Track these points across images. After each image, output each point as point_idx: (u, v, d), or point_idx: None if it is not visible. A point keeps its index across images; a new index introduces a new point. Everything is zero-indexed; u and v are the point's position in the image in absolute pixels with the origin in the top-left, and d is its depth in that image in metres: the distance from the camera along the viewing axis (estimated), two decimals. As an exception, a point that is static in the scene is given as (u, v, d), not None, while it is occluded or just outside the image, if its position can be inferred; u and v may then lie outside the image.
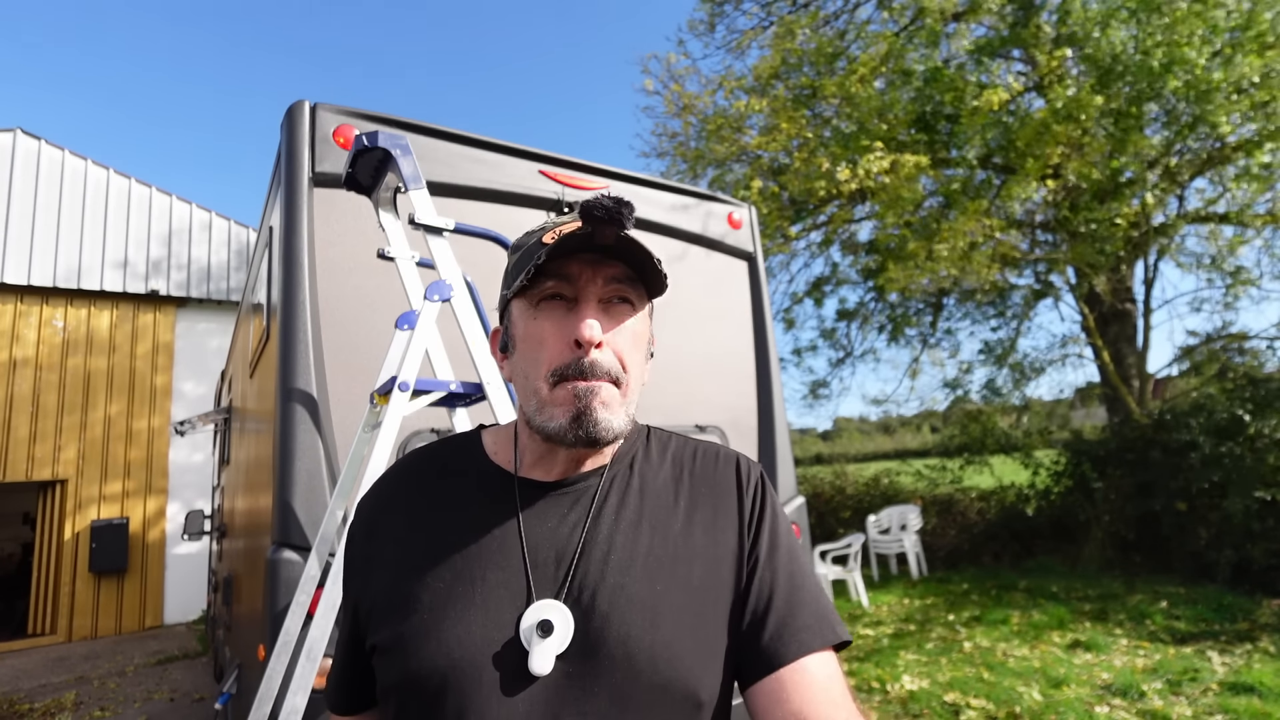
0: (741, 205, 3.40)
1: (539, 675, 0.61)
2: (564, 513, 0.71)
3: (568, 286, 0.68)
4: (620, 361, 0.68)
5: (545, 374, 0.67)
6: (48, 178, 8.37)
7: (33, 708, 5.36)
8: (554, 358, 0.67)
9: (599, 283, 0.68)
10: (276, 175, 2.37)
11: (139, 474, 8.58)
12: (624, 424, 0.68)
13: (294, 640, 1.58)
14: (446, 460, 0.80)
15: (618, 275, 0.69)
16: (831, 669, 0.66)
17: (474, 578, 0.67)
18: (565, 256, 0.67)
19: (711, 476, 0.76)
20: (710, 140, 8.61)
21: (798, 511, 3.12)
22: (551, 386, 0.67)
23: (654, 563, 0.68)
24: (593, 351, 0.66)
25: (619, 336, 0.69)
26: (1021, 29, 7.53)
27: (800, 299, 10.56)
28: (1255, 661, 4.25)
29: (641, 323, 0.72)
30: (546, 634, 0.62)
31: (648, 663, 0.62)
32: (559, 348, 0.67)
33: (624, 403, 0.68)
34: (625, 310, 0.70)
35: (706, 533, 0.72)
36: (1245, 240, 8.03)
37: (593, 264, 0.68)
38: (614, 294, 0.69)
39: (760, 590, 0.69)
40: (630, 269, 0.69)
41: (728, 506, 0.74)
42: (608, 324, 0.68)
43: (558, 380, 0.66)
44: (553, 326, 0.68)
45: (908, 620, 6.01)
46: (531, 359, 0.69)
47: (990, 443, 9.56)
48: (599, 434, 0.66)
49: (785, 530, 0.75)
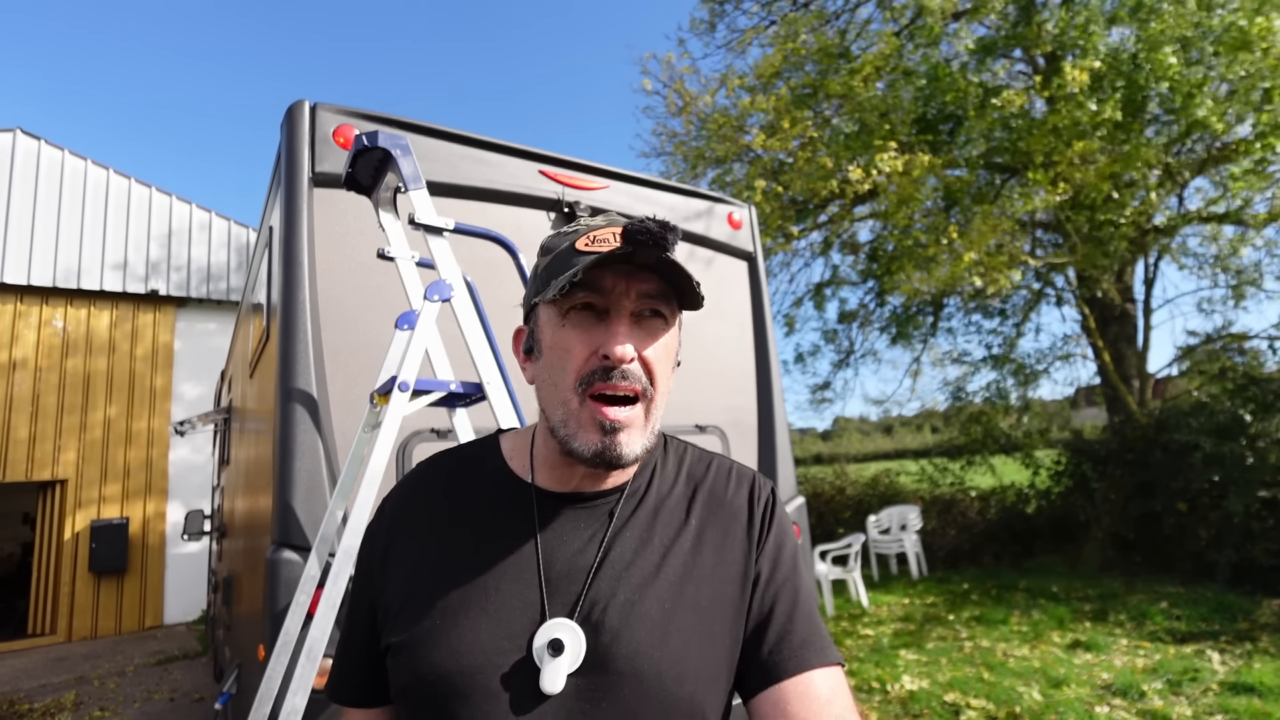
0: (742, 205, 3.40)
1: (550, 694, 0.62)
2: (579, 528, 0.72)
3: (599, 298, 0.67)
4: (650, 374, 0.68)
5: (573, 383, 0.66)
6: (48, 178, 8.36)
7: (33, 708, 5.36)
8: (581, 366, 0.66)
9: (632, 296, 0.67)
10: (276, 175, 2.37)
11: (139, 474, 8.57)
12: (646, 445, 0.68)
13: (294, 640, 1.58)
14: (465, 466, 0.80)
15: (651, 291, 0.67)
16: (836, 683, 0.66)
17: (487, 586, 0.68)
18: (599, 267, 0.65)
19: (723, 496, 0.77)
20: (711, 140, 8.61)
21: (798, 511, 3.12)
22: (580, 398, 0.66)
23: (664, 582, 0.69)
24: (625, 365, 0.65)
25: (651, 352, 0.68)
26: (1023, 28, 7.53)
27: (801, 301, 10.57)
28: (1255, 661, 4.24)
29: (673, 337, 0.71)
30: (557, 653, 0.63)
31: (656, 681, 0.63)
32: (587, 357, 0.66)
33: (648, 422, 0.68)
34: (658, 325, 0.69)
35: (716, 552, 0.72)
36: (1248, 240, 8.02)
37: (627, 276, 0.66)
38: (646, 307, 0.68)
39: (763, 605, 0.71)
40: (665, 284, 0.68)
41: (738, 527, 0.75)
42: (639, 337, 0.67)
43: (585, 389, 0.66)
44: (581, 336, 0.67)
45: (908, 620, 6.01)
46: (559, 368, 0.68)
47: (991, 443, 9.57)
48: (621, 463, 0.66)
49: (791, 551, 0.76)
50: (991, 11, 7.77)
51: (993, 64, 8.07)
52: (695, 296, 0.68)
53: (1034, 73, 8.59)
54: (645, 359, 0.67)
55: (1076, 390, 11.03)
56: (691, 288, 0.67)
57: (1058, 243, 8.68)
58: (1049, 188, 6.70)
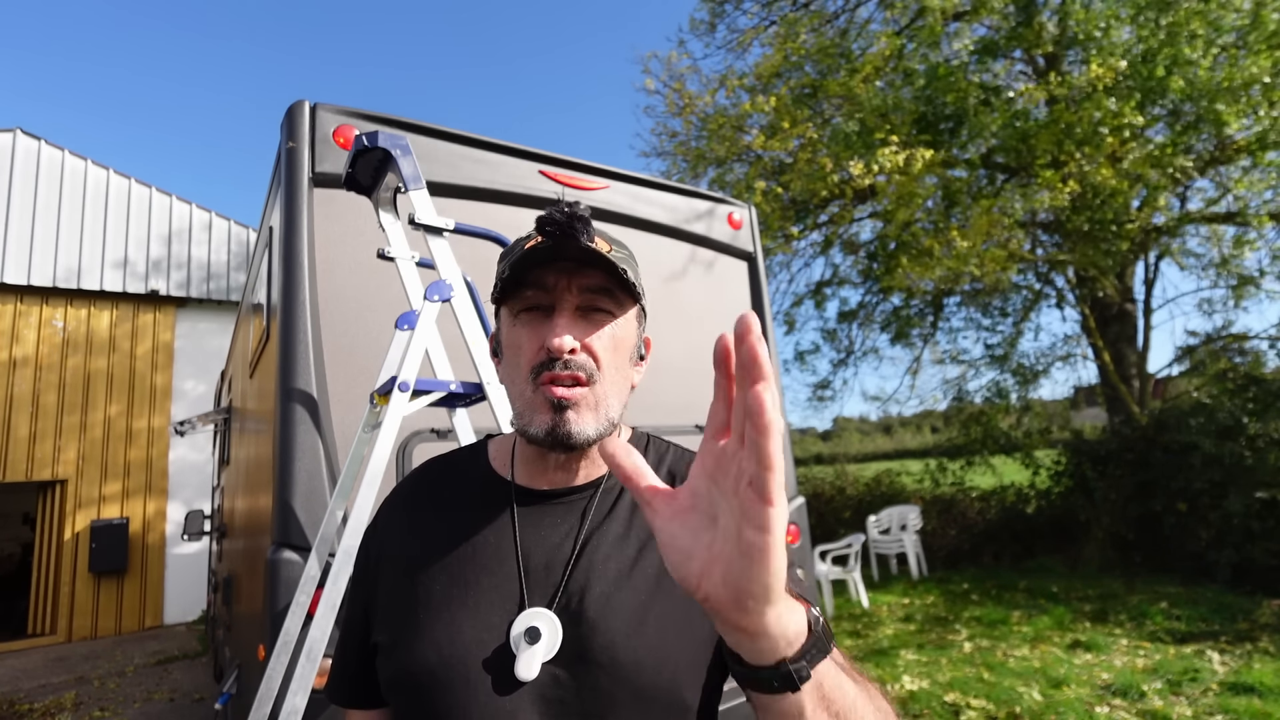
0: (742, 205, 3.40)
1: (525, 680, 0.63)
2: (557, 522, 0.73)
3: (545, 296, 0.70)
4: (595, 361, 0.70)
5: (526, 375, 0.70)
6: (48, 178, 8.36)
7: (33, 708, 5.36)
8: (532, 359, 0.69)
9: (574, 291, 0.70)
10: (276, 175, 2.37)
11: (139, 474, 8.57)
12: (599, 429, 0.69)
13: (294, 640, 1.58)
14: (454, 468, 0.83)
15: (593, 285, 0.70)
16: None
17: (467, 581, 0.70)
18: (541, 266, 0.69)
19: None
20: (711, 140, 8.61)
21: (798, 512, 3.12)
22: (534, 387, 0.69)
23: (641, 574, 0.70)
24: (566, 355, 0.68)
25: (595, 341, 0.70)
26: (1024, 28, 7.53)
27: (801, 300, 10.57)
28: (1255, 661, 4.24)
29: (623, 328, 0.73)
30: (534, 641, 0.64)
31: (633, 669, 0.64)
32: (534, 351, 0.69)
33: (600, 407, 0.70)
34: (603, 317, 0.72)
35: None
36: (1250, 242, 8.01)
37: (569, 273, 0.69)
38: (590, 303, 0.71)
39: None
40: (608, 277, 0.70)
41: None
42: (584, 329, 0.70)
43: (536, 377, 0.69)
44: (530, 333, 0.70)
45: (908, 620, 6.01)
46: (514, 364, 0.72)
47: (991, 443, 9.57)
48: (572, 441, 0.68)
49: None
50: (992, 12, 7.77)
51: (993, 64, 8.06)
52: (630, 288, 0.70)
53: (1035, 73, 8.60)
54: (590, 347, 0.69)
55: (1076, 390, 11.04)
56: (621, 279, 0.69)
57: (1057, 243, 8.68)
58: (1058, 185, 6.68)
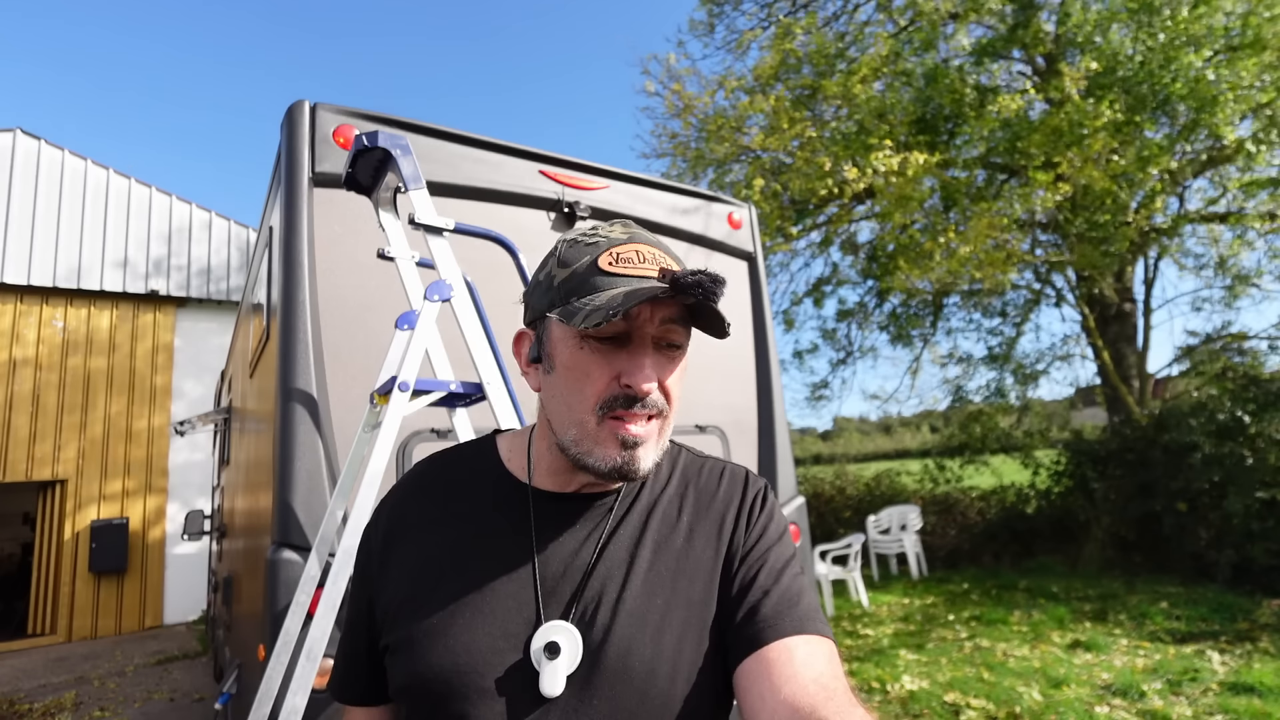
0: (741, 205, 3.39)
1: (550, 697, 0.62)
2: (575, 529, 0.72)
3: (624, 324, 0.65)
4: (667, 397, 0.68)
5: (593, 407, 0.66)
6: (48, 178, 8.36)
7: (32, 708, 5.35)
8: (602, 391, 0.66)
9: (655, 322, 0.66)
10: (276, 175, 2.37)
11: (139, 474, 8.57)
12: (658, 458, 0.69)
13: (294, 640, 1.58)
14: (462, 466, 0.80)
15: (673, 316, 0.66)
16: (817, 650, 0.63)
17: (484, 585, 0.68)
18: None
19: (715, 492, 0.77)
20: (710, 141, 8.62)
21: (798, 512, 3.12)
22: (599, 421, 0.66)
23: (655, 579, 0.69)
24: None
25: (671, 378, 0.68)
26: (1021, 30, 7.53)
27: (800, 300, 10.57)
28: (1255, 661, 4.24)
29: (687, 358, 0.72)
30: (554, 655, 0.63)
31: (649, 677, 0.63)
32: (607, 382, 0.66)
33: (662, 437, 0.69)
34: (677, 353, 0.69)
35: (707, 546, 0.73)
36: (1248, 242, 8.02)
37: (652, 303, 0.65)
38: (664, 335, 0.67)
39: (745, 577, 0.70)
40: (685, 309, 0.67)
41: (729, 519, 0.75)
42: (662, 365, 0.67)
43: (605, 413, 0.66)
44: (601, 362, 0.66)
45: (908, 620, 6.01)
46: (575, 390, 0.67)
47: (991, 443, 9.58)
48: (637, 477, 0.67)
49: (777, 529, 0.75)
50: (988, 13, 7.77)
51: (990, 65, 8.06)
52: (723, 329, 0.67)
53: (1034, 73, 8.60)
54: (663, 384, 0.67)
55: (1076, 390, 11.03)
56: (722, 324, 0.66)
57: (1057, 243, 8.68)
58: (1050, 187, 6.70)
